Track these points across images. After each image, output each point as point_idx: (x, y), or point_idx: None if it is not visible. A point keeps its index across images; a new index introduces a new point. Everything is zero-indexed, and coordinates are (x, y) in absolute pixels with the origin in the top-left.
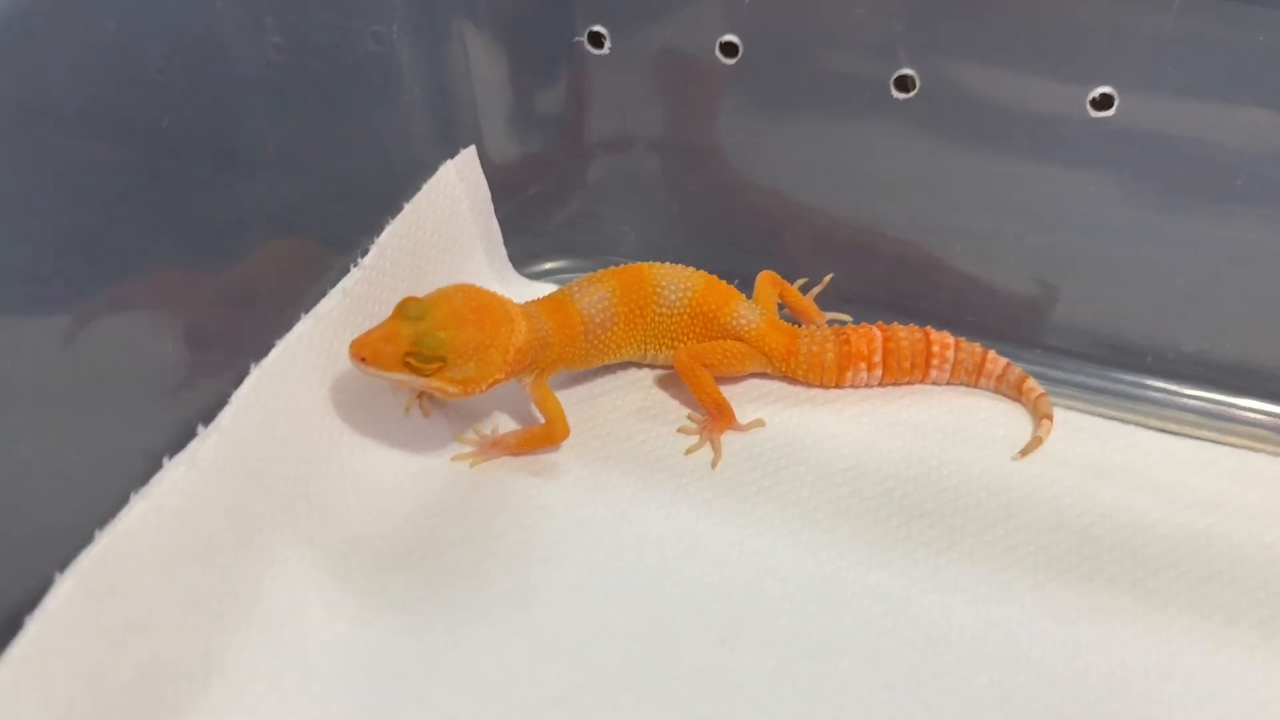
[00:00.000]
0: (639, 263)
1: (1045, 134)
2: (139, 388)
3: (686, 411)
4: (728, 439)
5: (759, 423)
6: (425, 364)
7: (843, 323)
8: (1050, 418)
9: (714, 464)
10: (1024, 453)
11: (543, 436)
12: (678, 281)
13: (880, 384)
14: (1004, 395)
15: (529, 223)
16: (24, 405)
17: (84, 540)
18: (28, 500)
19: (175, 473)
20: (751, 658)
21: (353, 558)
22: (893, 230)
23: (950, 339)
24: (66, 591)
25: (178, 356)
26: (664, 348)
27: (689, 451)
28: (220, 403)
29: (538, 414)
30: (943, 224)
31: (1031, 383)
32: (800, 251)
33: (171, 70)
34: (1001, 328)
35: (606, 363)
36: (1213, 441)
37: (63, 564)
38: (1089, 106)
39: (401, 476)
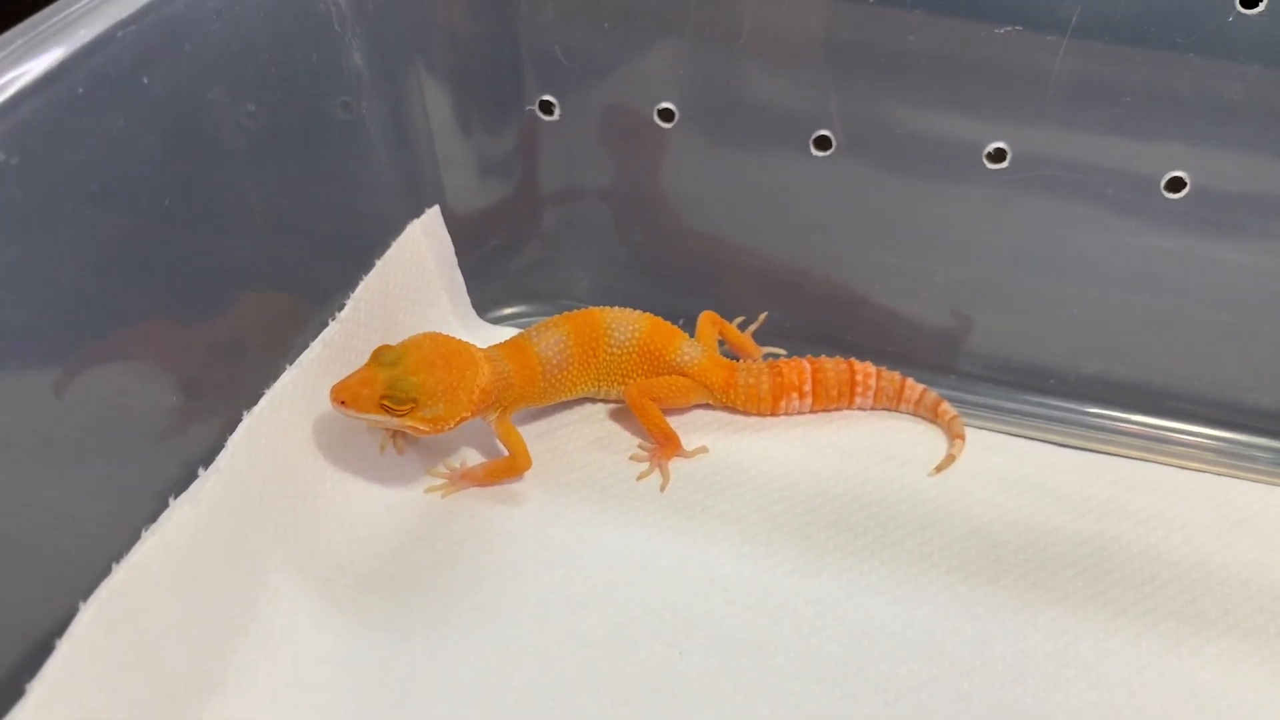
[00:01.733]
0: (591, 308)
1: (950, 182)
2: (146, 436)
3: (637, 441)
4: (675, 464)
5: (703, 449)
6: (399, 405)
7: (777, 356)
8: (963, 437)
9: (663, 487)
10: (939, 469)
11: (507, 468)
12: (626, 324)
13: (811, 411)
14: (921, 418)
15: (490, 271)
16: (48, 453)
17: (103, 573)
18: (55, 538)
19: (180, 511)
20: (698, 658)
21: (338, 582)
22: (820, 270)
23: (872, 368)
24: (89, 618)
25: (178, 406)
26: (615, 384)
27: (640, 477)
28: (217, 447)
29: (502, 448)
30: (864, 263)
31: (946, 406)
32: (737, 291)
33: (166, 148)
34: (920, 356)
35: (564, 399)
36: (1107, 454)
37: (85, 594)
38: (985, 160)
39: (379, 508)
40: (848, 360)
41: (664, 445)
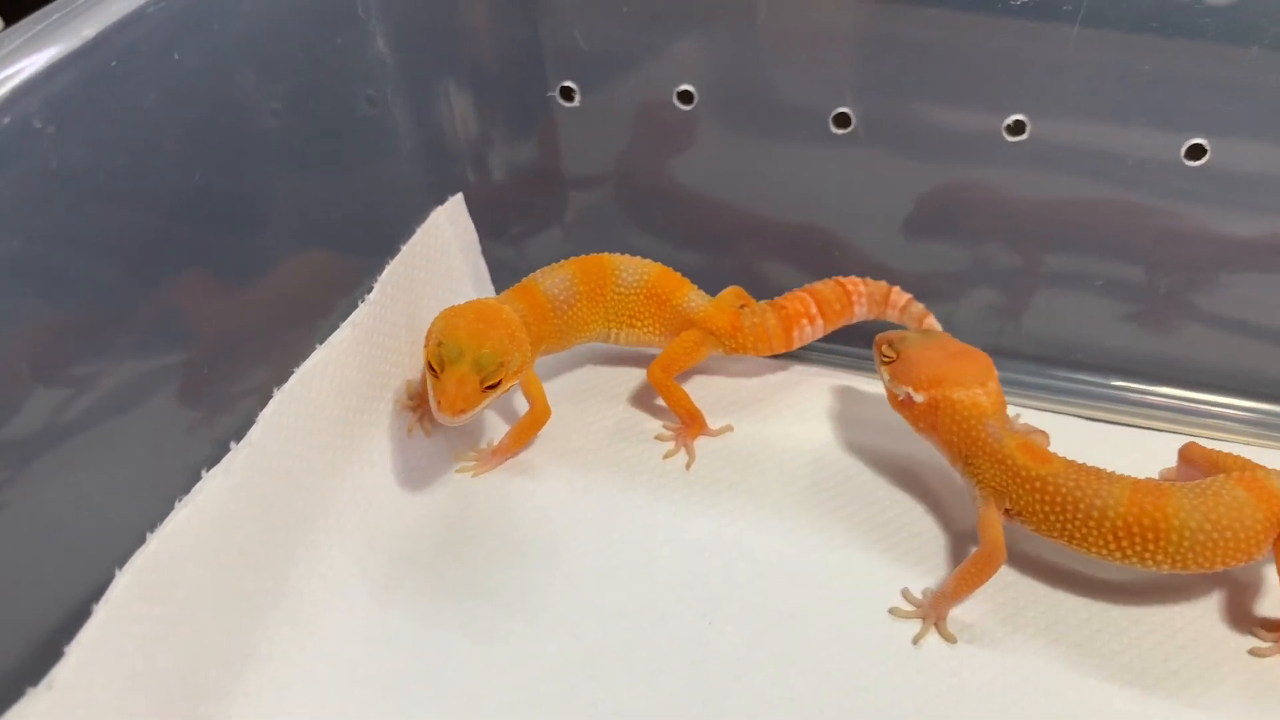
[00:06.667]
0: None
1: (967, 157)
2: (178, 413)
3: (662, 422)
4: (701, 443)
5: (728, 428)
6: (494, 377)
7: None
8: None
9: (689, 465)
10: None
11: (530, 423)
12: (634, 267)
13: (824, 334)
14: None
15: (513, 257)
16: (85, 432)
17: (138, 541)
18: (92, 508)
19: (213, 482)
20: (730, 628)
21: (368, 560)
22: (840, 249)
23: (858, 278)
24: (124, 585)
25: (210, 386)
26: (624, 326)
27: (667, 456)
28: (249, 423)
29: (519, 412)
30: (887, 241)
31: (931, 320)
32: (760, 273)
33: (196, 124)
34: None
35: (578, 343)
36: (1137, 427)
37: (121, 561)
38: (1004, 132)
39: (408, 488)
40: (834, 277)
41: (689, 424)
